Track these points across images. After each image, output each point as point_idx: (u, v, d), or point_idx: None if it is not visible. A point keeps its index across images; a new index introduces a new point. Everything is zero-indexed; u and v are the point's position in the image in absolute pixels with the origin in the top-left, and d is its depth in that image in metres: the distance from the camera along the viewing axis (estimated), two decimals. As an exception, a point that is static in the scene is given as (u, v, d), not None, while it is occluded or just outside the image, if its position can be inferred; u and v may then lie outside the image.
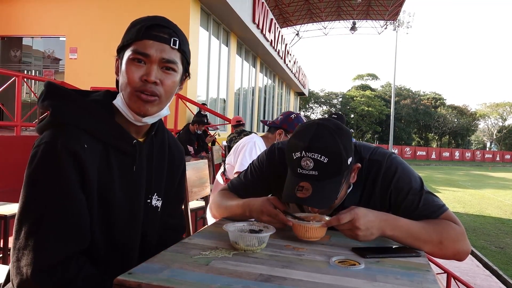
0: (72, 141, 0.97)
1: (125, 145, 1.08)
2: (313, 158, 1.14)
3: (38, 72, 10.55)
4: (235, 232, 1.07)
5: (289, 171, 1.23)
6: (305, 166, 1.16)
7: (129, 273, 0.86)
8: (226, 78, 12.42)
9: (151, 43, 1.03)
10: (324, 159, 1.14)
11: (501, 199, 12.32)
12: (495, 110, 58.17)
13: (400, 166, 1.30)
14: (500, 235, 7.40)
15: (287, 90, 25.22)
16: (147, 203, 1.16)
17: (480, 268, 5.32)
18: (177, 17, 8.68)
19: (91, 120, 1.03)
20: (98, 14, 9.18)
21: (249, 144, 2.52)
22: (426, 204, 1.25)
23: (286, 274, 0.90)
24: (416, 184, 1.28)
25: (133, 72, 1.03)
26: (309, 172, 1.16)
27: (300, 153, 1.16)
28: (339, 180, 1.20)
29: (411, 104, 52.17)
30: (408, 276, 0.94)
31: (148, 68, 1.04)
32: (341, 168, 1.17)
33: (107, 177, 1.04)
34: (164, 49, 1.04)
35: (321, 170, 1.15)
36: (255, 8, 11.93)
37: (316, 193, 1.16)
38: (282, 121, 2.65)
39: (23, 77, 6.50)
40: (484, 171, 26.52)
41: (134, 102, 1.05)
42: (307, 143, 1.16)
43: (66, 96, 1.05)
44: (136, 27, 1.05)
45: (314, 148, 1.15)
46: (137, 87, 1.04)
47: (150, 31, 1.04)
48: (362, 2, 25.55)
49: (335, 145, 1.16)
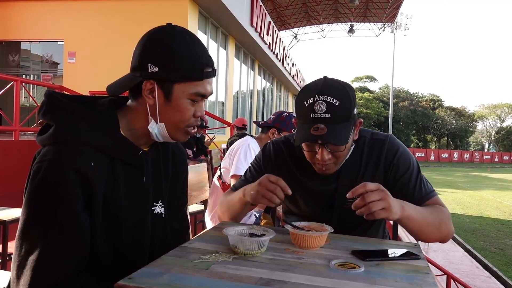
0: (79, 160, 0.95)
1: (132, 157, 1.07)
2: (326, 101, 1.21)
3: (36, 76, 10.54)
4: (235, 236, 1.07)
5: (301, 122, 1.27)
6: (318, 110, 1.22)
7: (129, 278, 0.86)
8: (224, 81, 12.43)
9: (208, 81, 1.05)
10: (336, 102, 1.21)
11: (500, 200, 12.33)
12: (493, 111, 58.32)
13: (401, 145, 1.41)
14: (500, 236, 7.40)
15: (286, 92, 25.25)
16: (152, 211, 1.16)
17: (480, 270, 5.32)
18: (176, 21, 8.56)
19: (95, 134, 1.00)
20: (96, 19, 9.19)
21: (244, 147, 2.52)
22: (420, 185, 1.33)
23: (286, 277, 0.90)
24: (415, 165, 1.37)
25: (190, 110, 1.06)
26: (322, 115, 1.21)
27: (313, 98, 1.23)
28: (349, 125, 1.26)
29: (409, 106, 52.28)
30: (408, 278, 0.94)
31: (200, 105, 1.07)
32: (350, 113, 1.25)
33: (113, 191, 1.02)
34: (211, 83, 1.08)
35: (333, 113, 1.21)
36: (253, 11, 11.95)
37: (331, 132, 1.21)
38: (274, 120, 2.65)
39: (22, 81, 6.49)
40: (482, 172, 26.55)
41: (182, 135, 1.09)
42: (320, 89, 1.23)
43: (68, 109, 1.01)
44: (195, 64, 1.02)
45: (326, 92, 1.22)
46: (190, 123, 1.07)
47: (207, 70, 1.04)
48: (360, 5, 25.62)
49: (345, 91, 1.25)
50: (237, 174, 2.40)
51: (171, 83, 1.02)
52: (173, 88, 1.03)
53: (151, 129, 1.07)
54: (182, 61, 1.01)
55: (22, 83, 6.51)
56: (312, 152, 1.31)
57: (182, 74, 1.02)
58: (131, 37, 1.14)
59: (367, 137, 1.42)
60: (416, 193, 1.32)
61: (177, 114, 1.04)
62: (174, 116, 1.05)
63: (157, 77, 1.02)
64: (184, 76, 1.02)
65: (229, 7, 9.72)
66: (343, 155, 1.32)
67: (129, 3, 8.98)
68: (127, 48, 1.07)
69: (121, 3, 9.04)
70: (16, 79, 6.26)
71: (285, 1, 22.98)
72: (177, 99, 1.03)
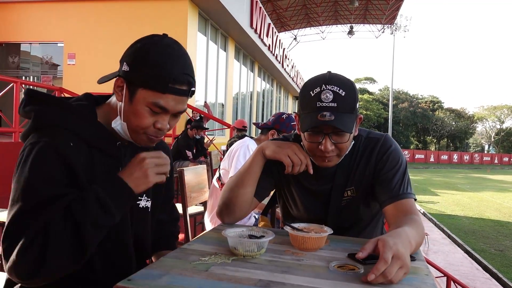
0: (58, 140, 0.98)
1: (109, 146, 1.09)
2: (333, 91, 1.24)
3: (36, 78, 10.54)
4: (234, 238, 1.07)
5: (306, 111, 1.28)
6: (325, 98, 1.23)
7: (129, 280, 0.86)
8: (224, 83, 12.43)
9: (173, 97, 1.03)
10: (342, 92, 1.24)
11: (500, 202, 12.33)
12: (492, 113, 58.34)
13: (394, 144, 1.42)
14: (500, 238, 7.40)
15: (285, 94, 25.26)
16: (136, 205, 1.17)
17: (480, 271, 5.32)
18: (175, 23, 8.71)
19: (74, 120, 1.03)
20: (96, 20, 9.20)
21: (243, 148, 2.52)
22: (401, 184, 1.32)
23: (286, 279, 0.90)
24: (403, 164, 1.38)
25: (148, 119, 1.05)
26: (328, 104, 1.23)
27: (320, 88, 1.25)
28: (353, 117, 1.28)
29: (409, 108, 52.30)
30: (407, 280, 0.94)
31: (163, 119, 1.06)
32: (354, 105, 1.27)
33: (91, 179, 1.04)
34: (181, 102, 1.06)
35: (339, 102, 1.23)
36: (253, 13, 11.97)
37: (338, 120, 1.23)
38: (274, 121, 2.66)
39: (21, 83, 6.49)
40: (482, 173, 26.54)
41: (141, 140, 1.09)
42: (327, 79, 1.26)
43: (47, 100, 1.06)
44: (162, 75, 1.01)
45: (333, 82, 1.25)
46: (148, 131, 1.07)
47: (175, 85, 1.02)
48: (359, 6, 25.65)
49: (350, 83, 1.28)
50: None
51: (136, 86, 1.03)
52: (136, 92, 1.04)
53: (114, 124, 1.09)
54: (151, 68, 1.01)
55: (22, 85, 6.51)
56: (315, 143, 1.30)
57: (146, 81, 1.02)
58: (131, 39, 1.13)
59: (363, 136, 1.44)
60: (395, 190, 1.32)
61: (134, 118, 1.05)
62: (132, 119, 1.06)
63: (127, 76, 1.04)
64: (148, 83, 1.02)
65: (229, 9, 9.73)
66: (346, 147, 1.33)
67: (129, 5, 8.99)
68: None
69: (121, 5, 9.05)
70: (16, 80, 6.26)
71: (284, 3, 23.01)
72: (137, 104, 1.04)
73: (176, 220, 1.45)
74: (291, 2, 23.06)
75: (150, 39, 1.06)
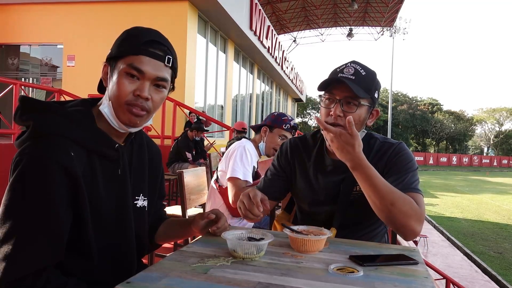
0: (59, 151, 0.97)
1: (109, 150, 1.09)
2: (355, 68, 1.39)
3: (35, 79, 10.54)
4: (233, 240, 1.06)
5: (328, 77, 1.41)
6: (346, 71, 1.38)
7: (128, 282, 0.86)
8: (223, 85, 12.44)
9: (147, 59, 1.05)
10: (363, 72, 1.39)
11: (499, 204, 12.33)
12: (491, 115, 58.40)
13: (408, 149, 1.49)
14: (499, 240, 7.39)
15: (285, 96, 25.27)
16: (134, 205, 1.18)
17: (479, 274, 5.32)
18: (175, 25, 8.71)
19: (72, 128, 1.03)
20: (95, 22, 9.20)
21: (239, 149, 2.53)
22: (409, 179, 1.37)
23: (285, 282, 0.90)
24: (413, 165, 1.44)
25: (126, 86, 1.05)
26: (348, 76, 1.37)
27: (345, 65, 1.42)
28: (367, 98, 1.39)
29: (408, 110, 52.36)
30: (407, 283, 0.94)
31: (142, 84, 1.06)
32: (371, 88, 1.39)
33: (92, 184, 1.04)
34: (159, 67, 1.07)
35: (358, 77, 1.37)
36: (252, 15, 11.98)
37: (352, 84, 1.34)
38: (266, 119, 2.70)
39: (21, 85, 6.49)
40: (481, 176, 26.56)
41: (124, 114, 1.07)
42: (355, 60, 1.43)
43: (45, 108, 1.04)
44: (132, 40, 1.07)
45: (358, 63, 1.42)
46: (128, 100, 1.06)
47: (147, 47, 1.06)
48: (359, 9, 25.70)
49: (372, 71, 1.43)
50: (233, 177, 2.41)
51: (115, 61, 1.07)
52: (116, 65, 1.07)
53: (102, 108, 1.09)
54: (125, 39, 1.08)
55: (21, 87, 6.51)
56: (328, 109, 1.40)
57: (121, 49, 1.06)
58: (131, 40, 1.15)
59: (379, 139, 1.51)
60: (406, 182, 1.36)
61: (115, 88, 1.06)
62: (115, 91, 1.06)
63: (109, 57, 1.09)
64: (123, 51, 1.06)
65: (229, 11, 9.74)
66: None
67: (128, 7, 9.00)
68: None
69: (120, 7, 9.06)
70: (15, 82, 6.26)
71: (284, 5, 23.05)
72: (116, 73, 1.06)
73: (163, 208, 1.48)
74: (290, 5, 23.11)
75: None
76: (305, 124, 53.86)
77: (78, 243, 1.02)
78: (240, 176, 2.41)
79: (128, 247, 1.15)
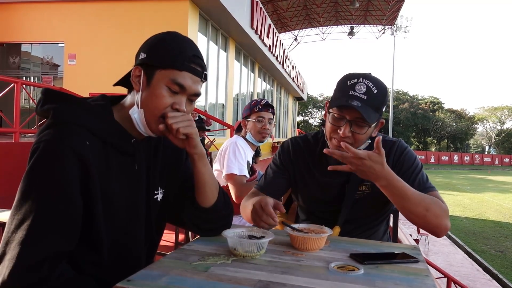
0: (75, 139, 0.99)
1: (125, 144, 1.10)
2: (367, 85, 1.34)
3: (37, 78, 10.54)
4: (234, 238, 1.07)
5: (339, 95, 1.37)
6: (358, 89, 1.33)
7: (128, 280, 0.86)
8: (224, 83, 12.43)
9: (189, 76, 1.07)
10: (375, 90, 1.34)
11: (500, 203, 12.32)
12: (493, 113, 58.30)
13: (409, 147, 1.52)
14: (500, 239, 7.38)
15: (286, 95, 25.26)
16: (154, 199, 1.19)
17: (480, 272, 5.31)
18: (176, 23, 8.71)
19: (91, 119, 1.05)
20: (96, 20, 9.20)
21: (231, 146, 2.55)
22: (421, 179, 1.42)
23: (285, 280, 0.90)
24: (418, 164, 1.47)
25: (166, 99, 1.06)
26: (360, 95, 1.32)
27: (357, 79, 1.35)
28: (376, 116, 1.36)
29: (409, 108, 52.31)
30: (407, 281, 0.94)
31: (181, 99, 1.08)
32: (381, 106, 1.36)
33: (106, 176, 1.05)
34: (197, 83, 1.09)
35: (369, 97, 1.32)
36: (253, 13, 11.97)
37: (363, 109, 1.31)
38: (242, 115, 2.73)
39: (22, 83, 6.50)
40: (483, 174, 26.52)
41: (156, 125, 1.07)
42: (365, 74, 1.37)
43: (65, 98, 1.07)
44: (176, 54, 1.06)
45: (370, 78, 1.36)
46: (165, 113, 1.06)
47: (190, 64, 1.07)
48: (360, 7, 25.66)
49: (384, 86, 1.38)
50: (230, 173, 2.43)
51: (154, 69, 1.06)
52: (154, 74, 1.06)
53: (132, 113, 1.09)
54: (167, 50, 1.07)
55: (23, 85, 6.52)
56: (335, 126, 1.38)
57: (164, 61, 1.06)
58: (132, 39, 1.16)
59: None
60: (421, 185, 1.39)
61: (153, 99, 1.06)
62: (151, 102, 1.06)
63: (144, 62, 1.08)
64: (166, 64, 1.05)
65: (230, 10, 9.73)
66: (361, 139, 1.39)
67: (129, 6, 8.99)
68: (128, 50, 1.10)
69: (121, 6, 9.05)
70: (16, 81, 6.26)
71: (285, 4, 23.02)
72: (156, 84, 1.06)
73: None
74: (291, 3, 23.08)
75: (163, 32, 1.13)
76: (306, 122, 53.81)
77: (89, 236, 1.02)
78: (236, 171, 2.42)
79: (136, 242, 1.15)
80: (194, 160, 1.15)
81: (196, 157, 1.15)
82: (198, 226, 1.23)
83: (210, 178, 1.20)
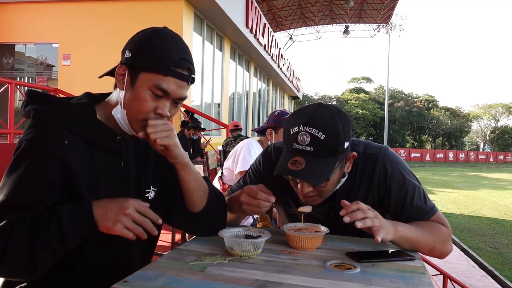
0: (52, 139, 0.99)
1: (109, 142, 1.09)
2: (310, 133, 1.15)
3: (31, 79, 10.49)
4: (230, 238, 1.06)
5: (285, 148, 1.23)
6: (301, 141, 1.15)
7: (124, 281, 0.85)
8: (220, 83, 12.42)
9: (174, 81, 1.04)
10: (321, 135, 1.14)
11: (495, 200, 12.39)
12: (487, 111, 58.60)
13: (395, 161, 1.32)
14: (495, 236, 7.43)
15: (281, 94, 25.27)
16: (145, 198, 1.18)
17: (476, 269, 5.34)
18: (171, 23, 8.68)
19: (72, 119, 1.04)
20: (90, 20, 9.16)
21: (247, 145, 2.61)
22: (418, 203, 1.28)
23: (282, 279, 0.90)
24: (410, 183, 1.30)
25: (149, 104, 1.04)
26: (304, 148, 1.15)
27: (298, 128, 1.16)
28: (334, 161, 1.19)
29: (404, 107, 52.48)
30: (404, 279, 0.94)
31: (164, 103, 1.05)
32: (337, 148, 1.17)
33: (93, 175, 1.04)
34: (183, 87, 1.06)
35: (316, 146, 1.15)
36: (248, 12, 11.96)
37: (308, 168, 1.15)
38: (268, 121, 2.74)
39: (16, 84, 6.46)
40: (478, 172, 26.68)
41: (139, 127, 1.06)
42: (306, 119, 1.16)
43: (47, 100, 1.07)
44: (161, 58, 1.02)
45: (312, 123, 1.15)
46: (148, 117, 1.05)
47: (176, 68, 1.03)
48: (355, 6, 25.70)
49: (334, 124, 1.17)
50: (243, 170, 2.47)
51: (138, 71, 1.04)
52: (138, 76, 1.04)
53: (115, 113, 1.08)
54: (153, 52, 1.04)
55: (17, 86, 6.48)
56: (294, 182, 1.26)
57: (148, 64, 1.03)
58: (126, 39, 1.14)
59: (360, 152, 1.34)
60: (414, 213, 1.28)
61: (135, 103, 1.05)
62: (133, 104, 1.05)
63: (129, 62, 1.05)
64: (150, 67, 1.03)
65: (224, 9, 9.72)
66: (327, 190, 1.27)
67: (123, 5, 8.96)
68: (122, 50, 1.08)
69: (115, 5, 9.02)
70: (10, 81, 6.23)
71: (280, 3, 23.01)
72: (139, 87, 1.04)
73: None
74: (286, 2, 23.08)
75: (151, 29, 1.09)
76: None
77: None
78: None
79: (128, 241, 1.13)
80: (177, 169, 1.13)
81: (178, 167, 1.12)
82: (191, 228, 1.25)
83: (196, 185, 1.17)
